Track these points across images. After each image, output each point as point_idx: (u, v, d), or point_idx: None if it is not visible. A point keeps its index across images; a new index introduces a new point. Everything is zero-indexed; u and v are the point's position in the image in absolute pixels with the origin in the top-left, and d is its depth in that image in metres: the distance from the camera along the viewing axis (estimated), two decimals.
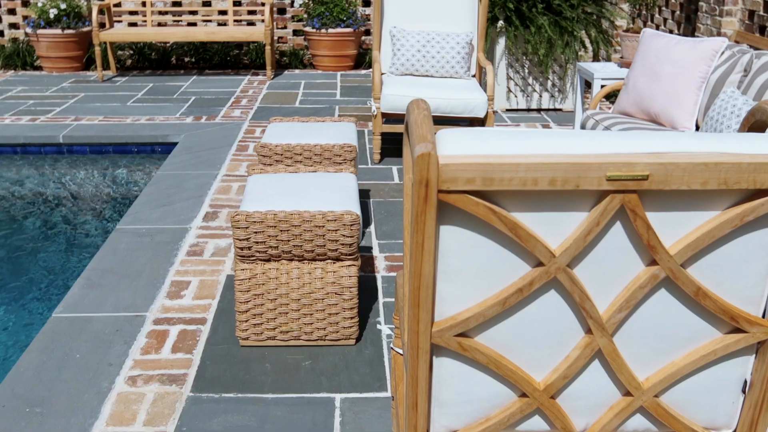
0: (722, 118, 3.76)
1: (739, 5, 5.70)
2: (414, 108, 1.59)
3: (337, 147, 3.92)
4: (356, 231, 3.04)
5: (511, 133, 1.54)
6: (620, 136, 1.54)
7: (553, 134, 1.54)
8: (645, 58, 4.63)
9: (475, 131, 1.56)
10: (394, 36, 5.72)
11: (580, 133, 1.56)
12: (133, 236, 4.21)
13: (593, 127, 4.62)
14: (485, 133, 1.55)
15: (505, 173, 1.47)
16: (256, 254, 3.06)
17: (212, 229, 4.31)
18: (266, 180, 3.40)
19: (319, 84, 8.13)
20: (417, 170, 1.45)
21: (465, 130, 1.56)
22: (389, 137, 6.22)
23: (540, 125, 6.57)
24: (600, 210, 1.51)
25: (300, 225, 3.00)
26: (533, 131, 1.56)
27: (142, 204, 4.68)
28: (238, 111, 6.93)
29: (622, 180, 1.48)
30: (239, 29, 8.37)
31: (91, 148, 6.10)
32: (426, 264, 1.54)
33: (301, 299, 3.10)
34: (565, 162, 1.46)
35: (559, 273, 1.58)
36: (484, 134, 1.54)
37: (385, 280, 3.74)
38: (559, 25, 6.66)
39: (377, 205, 4.71)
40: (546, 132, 1.55)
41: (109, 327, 3.28)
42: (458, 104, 5.29)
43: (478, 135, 1.53)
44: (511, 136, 1.53)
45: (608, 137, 1.53)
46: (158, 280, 3.71)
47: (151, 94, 7.59)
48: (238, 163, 5.45)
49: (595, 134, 1.54)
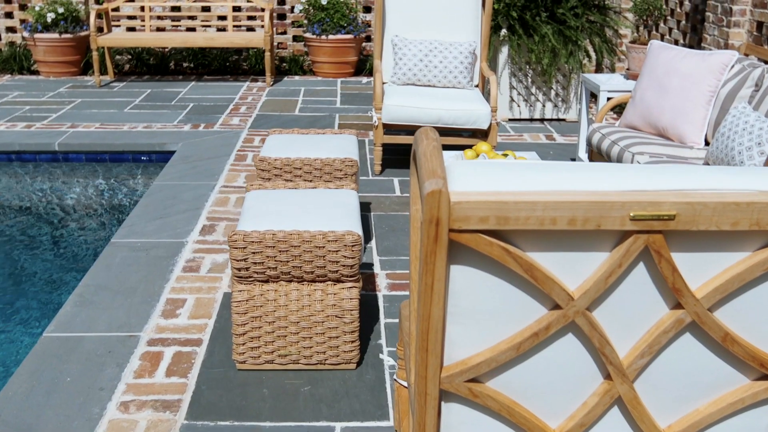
0: (734, 134, 3.66)
1: (747, 16, 5.61)
2: (422, 138, 1.49)
3: (337, 161, 3.82)
4: (358, 252, 2.93)
5: (528, 167, 1.44)
6: (644, 170, 1.44)
7: (572, 168, 1.44)
8: (653, 70, 4.53)
9: (488, 164, 1.45)
10: (396, 45, 5.62)
11: (601, 166, 1.45)
12: (128, 250, 4.11)
13: (599, 141, 4.52)
14: (499, 166, 1.44)
15: (521, 212, 1.36)
16: (254, 275, 2.95)
17: (209, 244, 4.20)
18: (265, 197, 3.29)
19: (318, 91, 8.03)
20: (427, 208, 1.35)
21: (478, 163, 1.46)
22: (390, 148, 6.12)
23: (543, 135, 6.47)
24: (622, 251, 1.41)
25: (300, 245, 2.90)
26: (551, 165, 1.45)
27: (138, 216, 4.57)
28: (237, 119, 6.83)
29: (647, 220, 1.38)
30: (238, 35, 8.27)
31: (87, 156, 5.99)
32: (435, 307, 1.44)
33: (301, 322, 2.99)
34: (585, 200, 1.36)
35: (578, 317, 1.48)
36: (498, 168, 1.43)
37: (386, 299, 3.63)
38: (563, 35, 6.57)
39: (378, 219, 4.61)
40: (565, 166, 1.45)
41: (101, 348, 3.18)
42: (461, 115, 5.19)
43: (492, 169, 1.43)
44: (528, 171, 1.43)
45: (631, 172, 1.43)
46: (153, 297, 3.61)
47: (149, 101, 7.49)
48: (236, 173, 5.34)
49: (617, 168, 1.44)
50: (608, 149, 4.40)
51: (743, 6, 5.60)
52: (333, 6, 8.45)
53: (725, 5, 5.71)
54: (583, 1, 6.57)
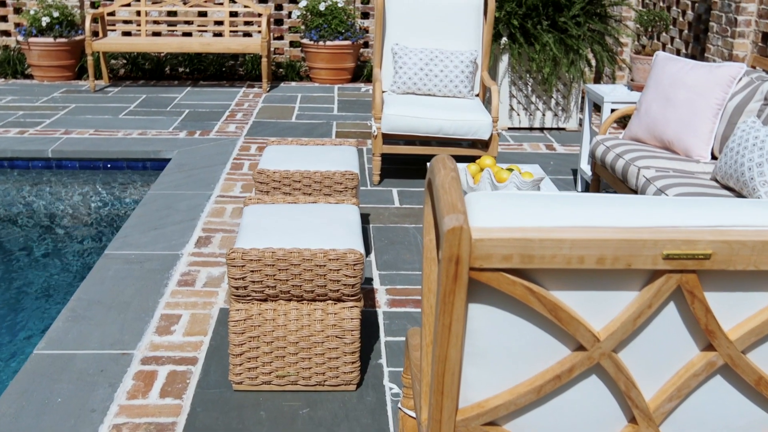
0: (743, 150, 3.58)
1: (752, 27, 5.54)
2: (439, 168, 1.40)
3: (338, 174, 3.73)
4: (360, 271, 2.84)
5: (553, 200, 1.35)
6: (678, 204, 1.35)
7: (600, 202, 1.35)
8: (658, 82, 4.45)
9: (512, 197, 1.36)
10: (396, 53, 5.53)
11: (630, 200, 1.36)
12: (121, 263, 4.00)
13: (604, 153, 4.44)
14: (524, 199, 1.35)
15: (547, 250, 1.27)
16: (252, 294, 2.86)
17: (205, 256, 4.10)
18: (263, 212, 3.20)
19: (316, 98, 7.94)
20: (446, 246, 1.26)
21: (500, 195, 1.37)
22: (389, 157, 6.03)
23: (543, 145, 6.39)
24: (653, 291, 1.32)
25: (300, 264, 2.81)
26: (577, 197, 1.36)
27: (132, 227, 4.47)
28: (233, 126, 6.73)
29: (681, 259, 1.29)
30: (235, 40, 8.17)
31: (81, 163, 5.89)
32: (453, 348, 1.35)
33: (300, 342, 2.90)
34: (616, 238, 1.27)
35: (603, 359, 1.38)
36: (522, 201, 1.34)
37: (386, 316, 3.54)
38: (564, 43, 6.49)
39: (377, 231, 4.51)
40: (592, 198, 1.36)
41: (93, 366, 3.07)
42: (462, 126, 5.10)
43: (515, 202, 1.34)
44: (553, 204, 1.33)
45: (664, 206, 1.34)
46: (147, 313, 3.51)
47: (144, 106, 7.38)
48: (233, 183, 5.24)
49: (648, 202, 1.35)
50: (613, 162, 4.31)
51: (748, 17, 5.53)
52: (331, 12, 8.37)
53: (730, 15, 5.63)
54: (585, 10, 6.50)
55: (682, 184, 3.73)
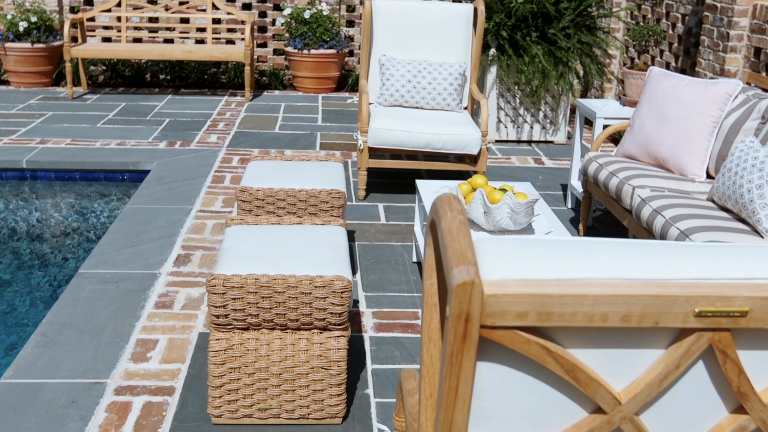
0: (742, 171, 3.47)
1: (744, 42, 5.45)
2: (445, 210, 1.26)
3: (323, 193, 3.58)
4: (347, 299, 2.69)
5: (574, 248, 1.21)
6: (711, 253, 1.21)
7: (625, 250, 1.21)
8: (652, 98, 4.34)
9: (527, 243, 1.22)
10: (383, 65, 5.40)
11: (656, 247, 1.23)
12: (96, 283, 3.83)
13: (596, 171, 4.32)
14: (540, 246, 1.21)
15: (567, 307, 1.14)
16: (233, 322, 2.70)
17: (184, 276, 3.94)
18: (246, 233, 3.05)
19: (299, 107, 7.79)
20: (455, 302, 1.12)
21: (514, 241, 1.23)
22: (375, 171, 5.88)
23: (531, 159, 6.27)
24: (682, 350, 1.19)
25: (284, 291, 2.66)
26: (600, 245, 1.23)
27: (108, 244, 4.30)
28: (215, 136, 6.56)
29: (714, 316, 1.15)
30: (218, 48, 8.01)
31: (57, 174, 5.71)
32: (459, 413, 1.21)
33: (283, 373, 2.74)
34: (644, 294, 1.14)
35: (624, 423, 1.25)
36: (539, 249, 1.21)
37: (373, 341, 3.39)
38: (553, 55, 6.38)
39: (363, 249, 4.37)
40: (616, 246, 1.22)
41: (63, 397, 2.91)
42: (450, 140, 4.97)
43: (531, 251, 1.20)
44: (574, 253, 1.20)
45: (695, 255, 1.21)
46: (122, 337, 3.34)
47: (123, 115, 7.20)
48: (214, 196, 5.08)
49: (677, 250, 1.22)
50: (606, 181, 4.20)
51: (740, 31, 5.44)
52: (316, 20, 8.22)
53: (722, 29, 5.55)
54: (574, 22, 6.40)
55: (679, 205, 3.61)
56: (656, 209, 3.64)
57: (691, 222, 3.41)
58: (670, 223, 3.47)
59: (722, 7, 5.54)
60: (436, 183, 4.10)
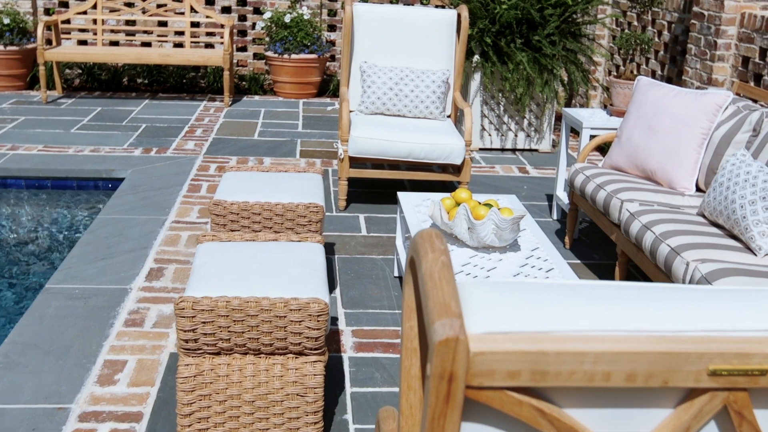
0: (734, 185, 3.36)
1: (732, 50, 5.36)
2: (426, 250, 1.12)
3: (301, 207, 3.44)
4: (324, 323, 2.55)
5: (571, 294, 1.08)
6: (726, 300, 1.08)
7: (629, 296, 1.08)
8: (640, 109, 4.23)
9: (519, 288, 1.09)
10: (365, 72, 5.26)
11: (663, 293, 1.10)
12: (64, 299, 3.67)
13: (583, 183, 4.20)
14: (534, 292, 1.08)
15: (564, 365, 1.00)
16: (203, 347, 2.56)
17: (156, 291, 3.79)
18: (218, 251, 2.90)
19: (279, 113, 7.64)
20: (438, 361, 0.98)
21: (504, 286, 1.10)
22: (356, 180, 5.75)
23: (515, 167, 6.15)
24: (693, 411, 1.06)
25: (257, 315, 2.51)
26: (600, 290, 1.09)
27: (78, 256, 4.13)
28: (192, 143, 6.40)
29: (731, 375, 1.02)
30: (196, 52, 7.84)
31: (27, 182, 5.53)
32: None
33: (256, 401, 2.60)
34: (651, 351, 1.00)
35: None
36: (532, 295, 1.07)
37: (353, 362, 3.25)
38: (538, 63, 6.27)
39: (343, 263, 4.23)
40: (620, 292, 1.09)
41: (24, 425, 2.74)
42: (433, 150, 4.84)
43: (524, 297, 1.07)
44: (571, 300, 1.06)
45: (709, 302, 1.08)
46: (89, 358, 3.18)
47: (99, 120, 7.02)
48: (189, 207, 4.92)
49: (689, 297, 1.09)
50: (593, 194, 4.08)
51: (728, 39, 5.35)
52: (296, 24, 8.08)
53: (709, 38, 5.45)
54: (559, 29, 6.29)
55: (669, 221, 3.50)
56: (645, 224, 3.52)
57: (682, 239, 3.30)
58: (660, 240, 3.35)
59: (710, 15, 5.44)
60: (418, 195, 3.97)
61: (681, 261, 3.17)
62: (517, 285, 1.11)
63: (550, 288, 1.11)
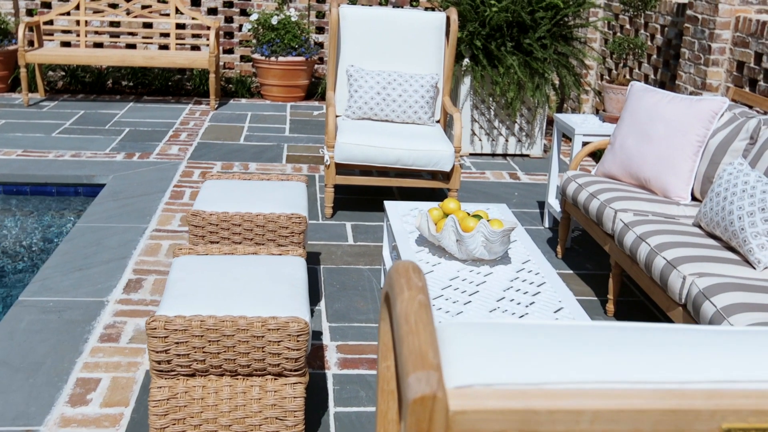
0: (731, 196, 3.25)
1: (726, 55, 5.25)
2: (402, 287, 1.00)
3: (283, 218, 3.31)
4: (304, 343, 2.43)
5: (565, 337, 0.96)
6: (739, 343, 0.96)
7: (631, 340, 0.95)
8: (634, 115, 4.12)
9: (505, 332, 0.97)
10: (351, 76, 5.13)
11: (669, 335, 0.98)
12: (37, 312, 3.53)
13: (576, 192, 4.08)
14: (523, 335, 0.96)
15: (557, 425, 0.88)
16: (177, 368, 2.43)
17: (133, 304, 3.65)
18: (195, 266, 2.77)
19: (266, 117, 7.50)
20: (412, 420, 0.86)
21: (489, 329, 0.97)
22: (344, 187, 5.62)
23: (506, 173, 6.04)
24: None
25: (233, 335, 2.39)
26: (598, 333, 0.97)
27: (54, 267, 3.99)
28: (176, 148, 6.26)
29: None
30: (181, 54, 7.70)
31: (5, 187, 5.38)
32: None
33: (233, 425, 2.47)
34: (656, 408, 0.88)
35: None
36: (521, 339, 0.95)
37: (337, 380, 3.12)
38: (529, 66, 6.16)
39: (328, 273, 4.10)
40: (620, 335, 0.97)
41: None
42: (421, 156, 4.72)
43: (512, 342, 0.94)
44: (566, 346, 0.94)
45: (719, 345, 0.96)
46: (60, 376, 3.05)
47: (81, 124, 6.87)
48: (171, 214, 4.78)
49: (696, 339, 0.97)
50: (586, 203, 3.96)
51: (723, 44, 5.25)
52: (284, 26, 7.94)
53: (703, 42, 5.35)
54: (551, 32, 6.18)
55: (665, 232, 3.38)
56: (640, 236, 3.40)
57: (678, 251, 3.18)
58: (656, 252, 3.24)
59: (704, 19, 5.34)
60: (405, 205, 3.84)
61: (677, 275, 3.05)
62: (504, 328, 0.98)
63: (541, 330, 0.99)
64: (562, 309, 2.80)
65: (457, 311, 2.72)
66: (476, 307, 2.76)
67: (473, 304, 2.78)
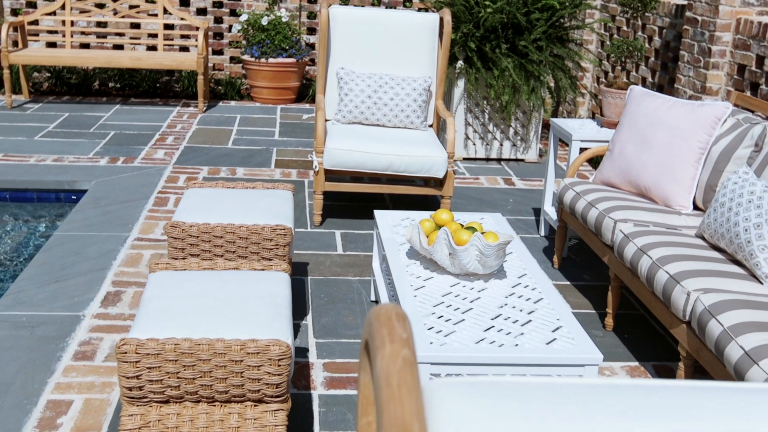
0: (737, 207, 3.10)
1: (727, 58, 5.11)
2: (383, 339, 0.84)
3: (267, 229, 3.15)
4: (286, 367, 2.27)
5: (567, 401, 0.80)
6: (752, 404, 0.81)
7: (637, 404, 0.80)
8: (634, 121, 3.97)
9: (503, 394, 0.81)
10: (342, 78, 4.97)
11: (683, 398, 0.82)
12: (9, 327, 3.37)
13: (573, 200, 3.93)
14: (523, 398, 0.80)
15: None
16: (149, 395, 2.26)
17: (111, 319, 3.49)
18: (172, 282, 2.61)
19: (256, 120, 7.34)
20: None
21: (482, 392, 0.82)
22: (334, 193, 5.45)
23: (501, 179, 5.89)
24: None
25: (210, 359, 2.22)
26: (605, 392, 0.82)
27: (29, 278, 3.83)
28: (162, 152, 6.09)
29: None
30: (169, 55, 7.53)
31: None
32: None
33: None
34: None
35: None
36: (520, 404, 0.79)
37: (323, 401, 2.96)
38: (524, 69, 6.01)
39: (316, 285, 3.94)
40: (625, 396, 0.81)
41: None
42: (414, 162, 4.56)
43: (509, 408, 0.79)
44: (568, 412, 0.78)
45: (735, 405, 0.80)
46: (30, 398, 2.88)
47: (65, 127, 6.69)
48: (154, 222, 4.62)
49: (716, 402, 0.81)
50: (584, 212, 3.81)
51: (723, 46, 5.10)
52: (274, 27, 7.78)
53: (703, 44, 5.20)
54: (547, 34, 6.03)
55: (667, 243, 3.23)
56: (641, 248, 3.25)
57: (681, 264, 3.03)
58: (658, 266, 3.09)
59: (703, 21, 5.20)
60: (396, 214, 3.69)
61: (681, 290, 2.90)
62: (501, 389, 0.83)
63: (545, 392, 0.83)
64: (560, 328, 2.64)
65: (449, 331, 2.57)
66: (470, 326, 2.61)
67: (467, 322, 2.63)
